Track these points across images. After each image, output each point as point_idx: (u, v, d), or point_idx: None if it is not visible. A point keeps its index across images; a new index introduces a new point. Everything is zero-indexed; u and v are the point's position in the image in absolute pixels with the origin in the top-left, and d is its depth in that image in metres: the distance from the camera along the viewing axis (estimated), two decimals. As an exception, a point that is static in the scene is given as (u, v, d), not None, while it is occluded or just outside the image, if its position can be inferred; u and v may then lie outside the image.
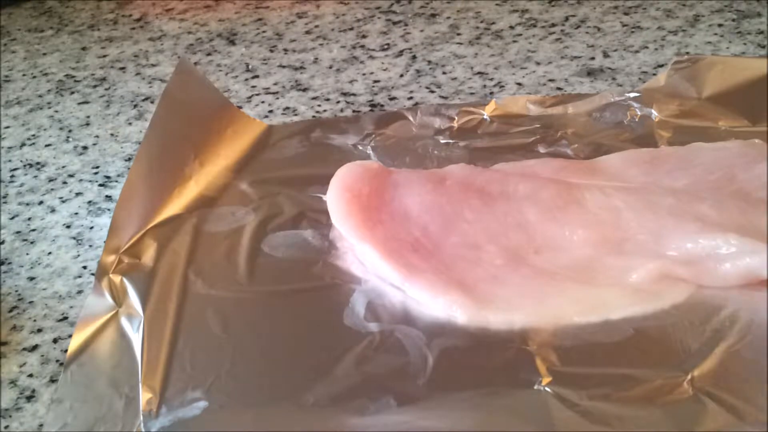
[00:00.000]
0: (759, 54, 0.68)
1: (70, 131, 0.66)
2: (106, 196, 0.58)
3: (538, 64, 0.69)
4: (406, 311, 0.45)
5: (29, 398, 0.43)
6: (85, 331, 0.44)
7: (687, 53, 0.68)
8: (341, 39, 0.76)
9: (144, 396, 0.41)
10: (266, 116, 0.65)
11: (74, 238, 0.55)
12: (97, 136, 0.65)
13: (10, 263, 0.53)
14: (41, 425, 0.41)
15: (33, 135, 0.66)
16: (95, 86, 0.73)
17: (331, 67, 0.72)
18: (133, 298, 0.46)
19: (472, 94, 0.66)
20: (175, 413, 0.40)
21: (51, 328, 0.47)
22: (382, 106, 0.66)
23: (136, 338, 0.44)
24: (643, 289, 0.45)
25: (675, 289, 0.45)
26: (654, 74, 0.64)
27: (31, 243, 0.54)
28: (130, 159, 0.62)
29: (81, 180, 0.60)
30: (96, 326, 0.45)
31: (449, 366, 0.42)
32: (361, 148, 0.58)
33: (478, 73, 0.69)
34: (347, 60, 0.73)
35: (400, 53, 0.73)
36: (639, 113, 0.59)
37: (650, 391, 0.39)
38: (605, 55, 0.70)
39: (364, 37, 0.76)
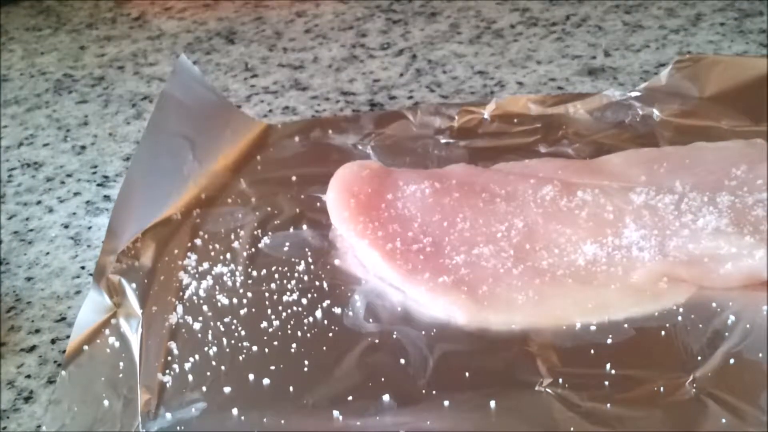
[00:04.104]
0: (761, 53, 0.68)
1: (68, 131, 0.66)
2: (105, 196, 0.58)
3: (538, 63, 0.69)
4: (406, 312, 0.45)
5: (27, 399, 0.43)
6: (83, 332, 0.44)
7: (689, 52, 0.68)
8: (341, 38, 0.76)
9: (142, 397, 0.41)
10: (265, 116, 0.65)
11: (72, 238, 0.54)
12: (95, 136, 0.65)
13: (7, 263, 0.53)
14: (39, 426, 0.41)
15: (31, 134, 0.66)
16: (93, 85, 0.72)
17: (330, 67, 0.72)
18: (132, 298, 0.46)
19: (472, 93, 0.66)
20: (173, 414, 0.40)
21: (49, 329, 0.47)
22: (382, 105, 0.65)
23: (134, 339, 0.44)
24: (644, 289, 0.44)
25: (676, 290, 0.44)
26: (655, 73, 0.64)
27: (29, 243, 0.54)
28: (128, 158, 0.61)
29: (79, 180, 0.60)
30: (94, 327, 0.45)
31: (449, 367, 0.41)
32: (361, 147, 0.58)
33: (479, 72, 0.69)
34: (347, 59, 0.72)
35: (400, 52, 0.73)
36: (640, 113, 0.59)
37: (651, 392, 0.39)
38: (606, 54, 0.70)
39: (363, 36, 0.76)
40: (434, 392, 0.40)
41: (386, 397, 0.40)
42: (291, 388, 0.41)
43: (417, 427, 0.39)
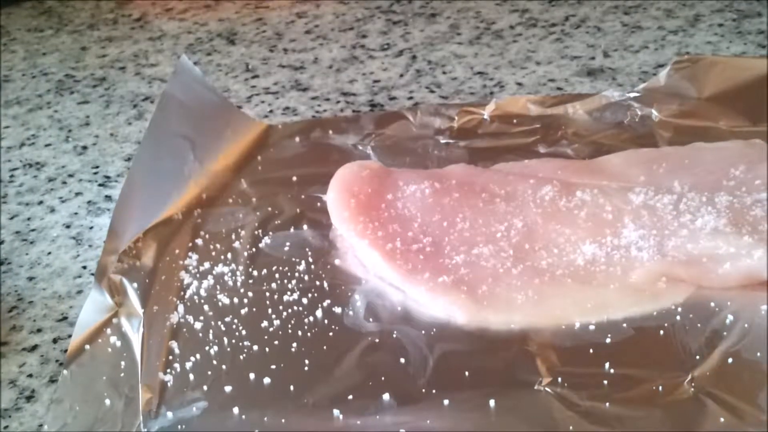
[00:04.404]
0: (759, 54, 0.68)
1: (69, 131, 0.66)
2: (106, 196, 0.58)
3: (538, 63, 0.69)
4: (406, 311, 0.45)
5: (29, 398, 0.43)
6: (84, 332, 0.44)
7: (687, 53, 0.68)
8: (341, 39, 0.76)
9: (144, 396, 0.41)
10: (266, 116, 0.65)
11: (74, 238, 0.55)
12: (96, 136, 0.65)
13: (9, 263, 0.53)
14: (41, 425, 0.41)
15: (32, 135, 0.66)
16: (95, 86, 0.73)
17: (331, 67, 0.72)
18: (133, 298, 0.46)
19: (472, 94, 0.66)
20: (175, 413, 0.40)
21: (50, 328, 0.47)
22: (382, 106, 0.66)
23: (135, 338, 0.44)
24: (643, 289, 0.45)
25: (675, 290, 0.44)
26: (654, 74, 0.64)
27: (31, 243, 0.54)
28: (129, 159, 0.61)
29: (81, 180, 0.60)
30: (95, 326, 0.45)
31: (449, 366, 0.42)
32: (361, 148, 0.58)
33: (478, 72, 0.69)
34: (347, 60, 0.73)
35: (400, 53, 0.73)
36: (639, 113, 0.59)
37: (650, 391, 0.39)
38: (605, 54, 0.70)
39: (364, 36, 0.76)
40: (434, 391, 0.40)
41: (386, 397, 0.40)
42: (291, 388, 0.41)
43: (417, 427, 0.39)
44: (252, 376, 0.42)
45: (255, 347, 0.43)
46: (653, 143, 0.56)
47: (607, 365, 0.41)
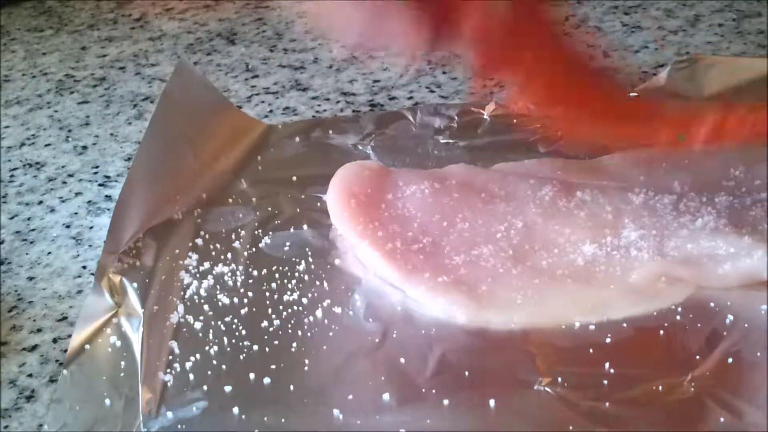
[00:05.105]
0: (759, 54, 0.68)
1: (69, 131, 0.66)
2: (106, 196, 0.58)
3: (538, 64, 0.69)
4: (406, 311, 0.45)
5: (29, 398, 0.43)
6: (84, 331, 0.44)
7: (687, 53, 0.68)
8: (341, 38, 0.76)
9: (144, 396, 0.41)
10: (266, 116, 0.65)
11: (74, 237, 0.55)
12: (96, 136, 0.65)
13: (9, 263, 0.53)
14: (41, 425, 0.41)
15: (32, 135, 0.66)
16: (95, 86, 0.73)
17: (331, 67, 0.72)
18: (133, 298, 0.46)
19: (472, 93, 0.66)
20: (175, 413, 0.40)
21: (50, 328, 0.47)
22: (382, 105, 0.66)
23: (135, 338, 0.44)
24: (643, 289, 0.45)
25: (675, 290, 0.45)
26: (654, 74, 0.64)
27: (31, 243, 0.54)
28: (129, 159, 0.61)
29: (80, 180, 0.60)
30: (95, 326, 0.45)
31: (449, 366, 0.42)
32: (361, 148, 0.58)
33: (478, 72, 0.69)
34: (347, 60, 0.73)
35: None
36: (639, 113, 0.59)
37: (650, 391, 0.39)
38: (605, 54, 0.70)
39: (364, 36, 0.76)
40: (434, 391, 0.40)
41: (386, 396, 0.40)
42: (291, 387, 0.41)
43: (417, 426, 0.39)
44: (252, 375, 0.42)
45: (255, 347, 0.43)
46: (653, 143, 0.56)
47: (606, 365, 0.41)
